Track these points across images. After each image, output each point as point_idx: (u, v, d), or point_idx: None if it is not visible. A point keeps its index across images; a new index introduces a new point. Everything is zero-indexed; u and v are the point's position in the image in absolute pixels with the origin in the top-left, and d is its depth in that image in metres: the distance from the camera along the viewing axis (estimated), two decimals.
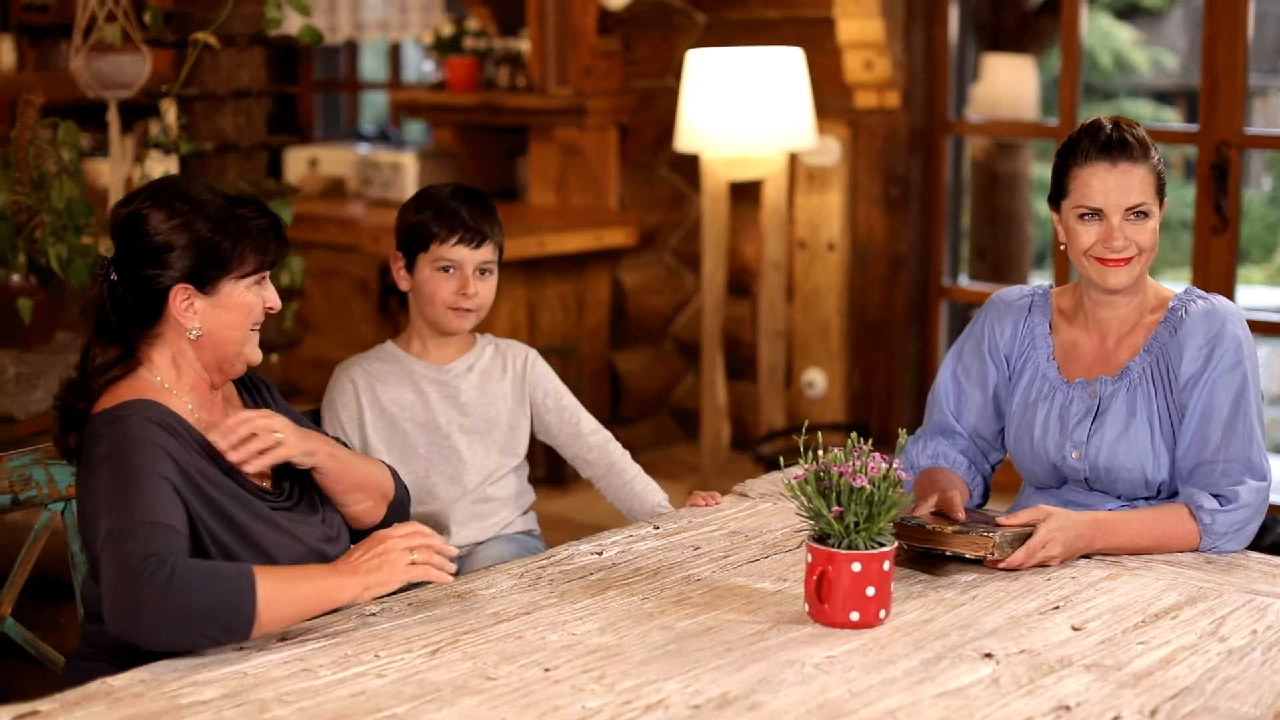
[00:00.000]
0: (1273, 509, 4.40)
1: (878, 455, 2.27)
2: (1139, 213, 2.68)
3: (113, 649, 2.22)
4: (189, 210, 2.33)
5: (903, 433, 2.47)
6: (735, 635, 2.22)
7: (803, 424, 3.53)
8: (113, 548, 2.14)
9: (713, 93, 5.08)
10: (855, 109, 5.48)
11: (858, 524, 2.23)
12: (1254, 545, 2.69)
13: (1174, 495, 2.72)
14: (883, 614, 2.27)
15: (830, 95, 5.45)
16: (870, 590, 2.24)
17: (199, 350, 2.37)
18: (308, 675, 2.06)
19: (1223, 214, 4.92)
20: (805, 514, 2.28)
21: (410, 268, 2.96)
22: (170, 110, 3.90)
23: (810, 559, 2.27)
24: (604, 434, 3.09)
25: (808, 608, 2.29)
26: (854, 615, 2.24)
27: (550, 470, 5.41)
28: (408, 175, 6.16)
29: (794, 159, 5.50)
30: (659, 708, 1.96)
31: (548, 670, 2.08)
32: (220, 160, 4.04)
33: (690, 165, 5.64)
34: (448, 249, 2.92)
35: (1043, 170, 8.35)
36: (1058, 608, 2.36)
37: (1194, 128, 5.04)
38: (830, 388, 5.63)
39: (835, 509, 2.23)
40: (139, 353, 2.37)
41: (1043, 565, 2.53)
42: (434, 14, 7.20)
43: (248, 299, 2.38)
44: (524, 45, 6.05)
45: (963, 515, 2.59)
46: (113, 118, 3.99)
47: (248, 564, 2.22)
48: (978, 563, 2.51)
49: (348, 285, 5.85)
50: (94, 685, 2.00)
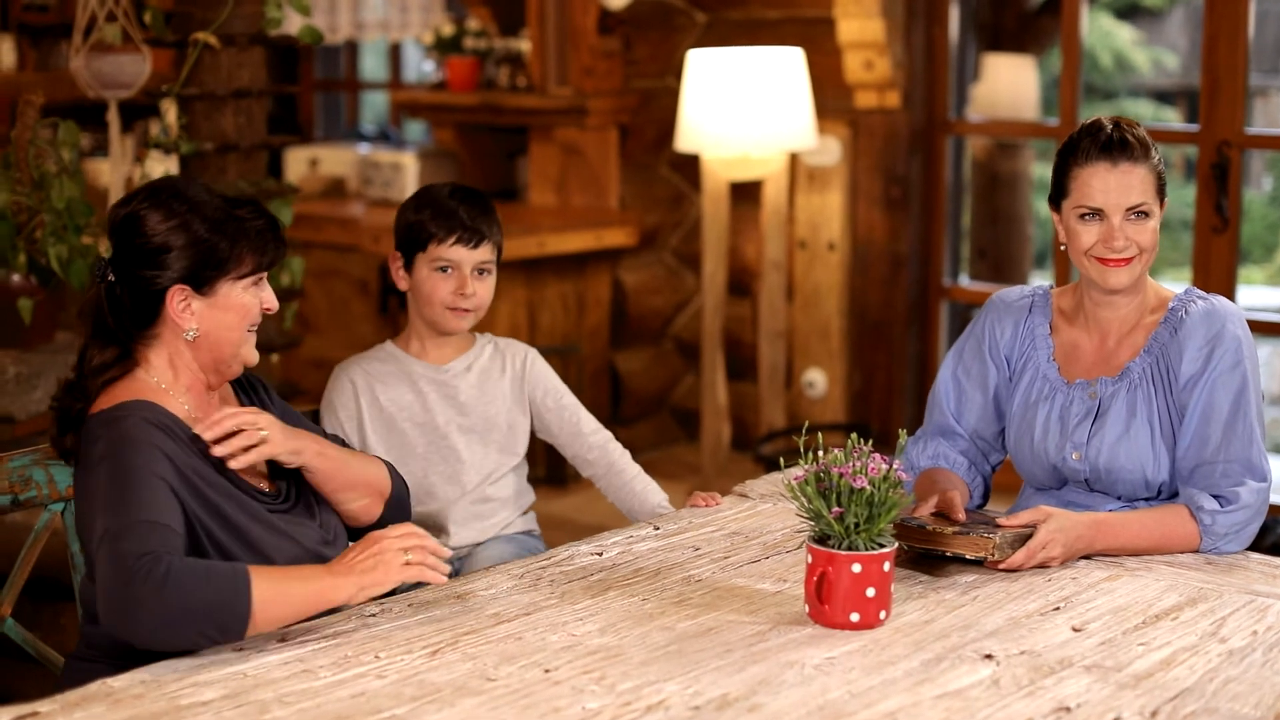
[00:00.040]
0: (1273, 510, 4.39)
1: (878, 456, 2.27)
2: (1140, 213, 2.68)
3: (112, 650, 2.22)
4: (187, 211, 2.33)
5: (903, 433, 2.47)
6: (735, 636, 2.22)
7: (803, 424, 3.53)
8: (109, 546, 2.13)
9: (713, 93, 5.07)
10: (855, 109, 5.48)
11: (858, 525, 2.23)
12: (1254, 546, 2.69)
13: (1174, 496, 2.72)
14: (883, 615, 2.27)
15: (830, 95, 5.45)
16: (870, 591, 2.24)
17: (196, 351, 2.37)
18: (308, 676, 2.05)
19: (1223, 214, 4.92)
20: (805, 515, 2.28)
21: (409, 267, 2.96)
22: (170, 110, 3.90)
23: (810, 560, 2.26)
24: (604, 434, 3.09)
25: (808, 609, 2.28)
26: (854, 616, 2.24)
27: (550, 470, 5.40)
28: (408, 175, 6.15)
29: (794, 159, 5.50)
30: (659, 709, 1.96)
31: (548, 671, 2.08)
32: (220, 160, 4.04)
33: (690, 165, 5.64)
34: (445, 249, 2.92)
35: (1043, 170, 8.34)
36: (1058, 609, 2.36)
37: (1194, 128, 5.04)
38: (830, 388, 5.63)
39: (835, 510, 2.23)
40: (136, 354, 2.37)
41: (1043, 566, 2.53)
42: (434, 14, 7.20)
43: (245, 300, 2.37)
44: (524, 45, 6.05)
45: (963, 516, 2.58)
46: (113, 118, 3.98)
47: (243, 563, 2.22)
48: (978, 564, 2.51)
49: (348, 285, 5.85)
50: (94, 686, 2.00)
